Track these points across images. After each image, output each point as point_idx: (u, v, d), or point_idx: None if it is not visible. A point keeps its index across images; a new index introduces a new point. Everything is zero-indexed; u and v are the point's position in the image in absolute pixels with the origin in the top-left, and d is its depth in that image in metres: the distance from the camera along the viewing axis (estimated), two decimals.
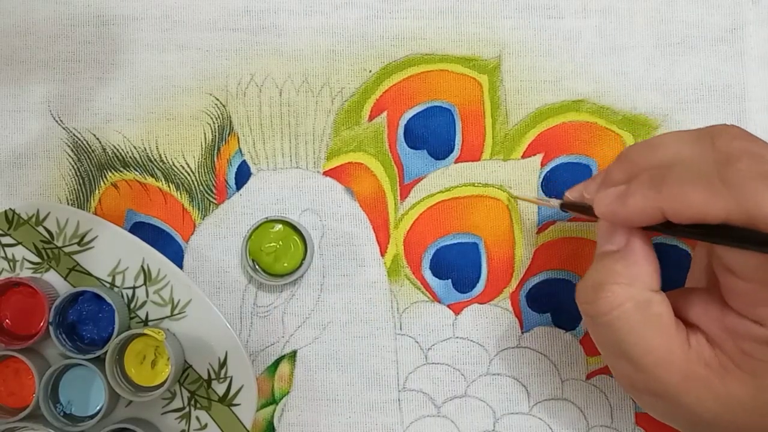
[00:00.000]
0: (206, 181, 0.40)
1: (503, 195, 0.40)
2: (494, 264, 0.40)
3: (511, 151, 0.40)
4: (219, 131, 0.40)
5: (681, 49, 0.40)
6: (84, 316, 0.37)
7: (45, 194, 0.40)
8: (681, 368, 0.30)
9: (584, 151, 0.40)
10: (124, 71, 0.40)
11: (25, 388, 0.37)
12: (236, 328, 0.39)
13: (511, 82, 0.40)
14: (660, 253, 0.39)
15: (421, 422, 0.39)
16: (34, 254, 0.38)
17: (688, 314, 0.31)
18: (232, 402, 0.37)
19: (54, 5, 0.41)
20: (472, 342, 0.39)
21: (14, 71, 0.40)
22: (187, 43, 0.40)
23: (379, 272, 0.40)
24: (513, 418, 0.39)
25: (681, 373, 0.29)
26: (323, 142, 0.40)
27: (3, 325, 0.37)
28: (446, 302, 0.39)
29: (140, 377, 0.37)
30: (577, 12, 0.41)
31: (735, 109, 0.40)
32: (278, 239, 0.38)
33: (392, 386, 0.39)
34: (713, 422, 0.29)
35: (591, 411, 0.39)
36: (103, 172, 0.40)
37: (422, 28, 0.40)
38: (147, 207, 0.40)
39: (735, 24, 0.40)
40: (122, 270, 0.37)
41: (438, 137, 0.40)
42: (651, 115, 0.40)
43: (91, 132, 0.40)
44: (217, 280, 0.39)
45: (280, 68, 0.40)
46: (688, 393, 0.29)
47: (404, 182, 0.40)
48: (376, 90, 0.40)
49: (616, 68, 0.40)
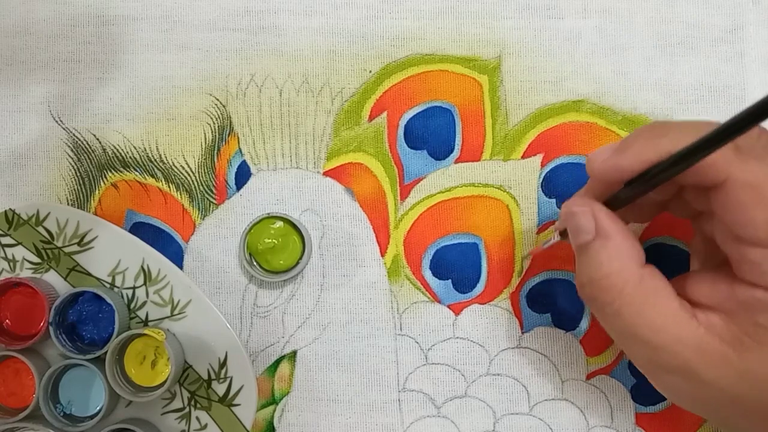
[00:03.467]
0: (206, 182, 0.40)
1: (503, 195, 0.40)
2: (494, 264, 0.40)
3: (511, 152, 0.40)
4: (219, 131, 0.40)
5: (681, 49, 0.40)
6: (84, 316, 0.37)
7: (45, 194, 0.40)
8: (693, 343, 0.29)
9: (584, 151, 0.40)
10: (124, 71, 0.40)
11: (25, 388, 0.37)
12: (236, 328, 0.39)
13: (511, 82, 0.40)
14: (660, 253, 0.40)
15: (421, 422, 0.39)
16: (34, 254, 0.38)
17: (697, 296, 0.31)
18: (232, 402, 0.37)
19: (54, 5, 0.41)
20: (472, 342, 0.39)
21: (14, 71, 0.40)
22: (187, 43, 0.40)
23: (379, 272, 0.40)
24: (513, 418, 0.39)
25: (695, 347, 0.29)
26: (323, 142, 0.40)
27: (3, 325, 0.37)
28: (446, 302, 0.40)
29: (140, 377, 0.37)
30: (577, 12, 0.41)
31: (735, 109, 0.40)
32: (277, 236, 0.38)
33: (392, 386, 0.39)
34: (738, 399, 0.29)
35: (591, 411, 0.39)
36: (103, 172, 0.40)
37: (422, 28, 0.40)
38: (147, 207, 0.40)
39: (735, 24, 0.40)
40: (122, 270, 0.37)
41: (438, 137, 0.40)
42: (651, 116, 0.40)
43: (91, 132, 0.40)
44: (217, 280, 0.39)
45: (280, 68, 0.40)
46: (708, 368, 0.29)
47: (404, 182, 0.40)
48: (376, 90, 0.40)
49: (616, 68, 0.40)
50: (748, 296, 0.29)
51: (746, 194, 0.28)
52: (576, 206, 0.32)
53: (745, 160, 0.28)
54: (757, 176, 0.28)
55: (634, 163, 0.30)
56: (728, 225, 0.29)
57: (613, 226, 0.31)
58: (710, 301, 0.30)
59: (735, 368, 0.29)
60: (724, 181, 0.28)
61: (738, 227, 0.29)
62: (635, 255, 0.31)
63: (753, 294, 0.29)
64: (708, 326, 0.30)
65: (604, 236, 0.31)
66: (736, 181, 0.28)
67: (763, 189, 0.28)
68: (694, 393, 0.31)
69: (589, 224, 0.31)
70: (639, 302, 0.30)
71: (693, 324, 0.30)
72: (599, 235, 0.31)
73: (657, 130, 0.30)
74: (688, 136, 0.28)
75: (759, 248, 0.28)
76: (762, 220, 0.28)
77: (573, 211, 0.32)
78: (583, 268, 0.32)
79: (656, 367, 0.31)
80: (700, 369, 0.30)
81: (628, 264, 0.31)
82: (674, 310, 0.30)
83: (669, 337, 0.30)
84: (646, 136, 0.30)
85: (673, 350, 0.30)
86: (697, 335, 0.30)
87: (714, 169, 0.28)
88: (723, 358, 0.29)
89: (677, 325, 0.30)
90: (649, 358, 0.31)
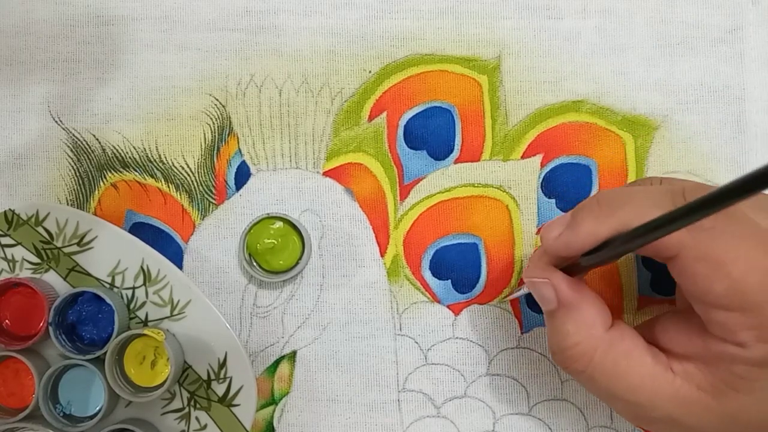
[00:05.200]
0: (206, 182, 0.40)
1: (503, 195, 0.40)
2: (494, 264, 0.40)
3: (510, 152, 0.40)
4: (218, 131, 0.40)
5: (681, 49, 0.40)
6: (84, 316, 0.37)
7: (44, 195, 0.40)
8: (672, 394, 0.30)
9: (584, 151, 0.40)
10: (124, 71, 0.40)
11: (25, 388, 0.37)
12: (236, 328, 0.39)
13: (510, 82, 0.40)
14: None
15: (420, 423, 0.39)
16: (33, 255, 0.38)
17: (671, 344, 0.31)
18: (231, 402, 0.37)
19: (54, 5, 0.41)
20: (472, 342, 0.39)
21: (14, 71, 0.40)
22: (187, 43, 0.40)
23: (378, 273, 0.40)
24: (513, 418, 0.39)
25: (674, 399, 0.30)
26: (323, 142, 0.40)
27: (3, 325, 0.37)
28: (446, 303, 0.40)
29: (140, 378, 0.37)
30: (577, 12, 0.41)
31: (734, 109, 0.40)
32: (277, 236, 0.38)
33: (392, 387, 0.39)
34: None
35: (591, 411, 0.39)
36: (102, 172, 0.40)
37: (422, 29, 0.40)
38: (147, 207, 0.40)
39: (735, 25, 0.40)
40: (122, 270, 0.37)
41: (438, 138, 0.40)
42: (651, 116, 0.40)
43: (91, 132, 0.40)
44: (216, 280, 0.39)
45: (280, 68, 0.40)
46: (689, 417, 0.30)
47: (404, 183, 0.40)
48: (375, 90, 0.40)
49: (616, 69, 0.40)
50: (721, 350, 0.29)
51: (701, 267, 0.28)
52: (536, 276, 0.32)
53: (696, 234, 0.28)
54: (709, 249, 0.28)
55: (586, 241, 0.30)
56: (688, 292, 0.29)
57: (575, 296, 0.31)
58: (685, 351, 0.30)
59: (716, 414, 0.29)
60: (677, 255, 0.28)
61: (698, 295, 0.29)
62: (600, 320, 0.31)
63: (725, 349, 0.29)
64: (684, 376, 0.30)
65: (567, 306, 0.31)
66: (689, 255, 0.28)
67: (716, 261, 0.28)
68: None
69: (550, 295, 0.31)
70: (611, 366, 0.30)
71: (669, 376, 0.30)
72: (562, 305, 0.31)
73: (605, 205, 0.30)
74: (637, 211, 0.28)
75: (723, 311, 0.28)
76: (720, 289, 0.28)
77: (533, 282, 0.32)
78: (552, 336, 0.32)
79: (642, 420, 0.31)
80: (682, 418, 0.30)
81: (594, 331, 0.31)
82: (648, 367, 0.30)
83: (647, 393, 0.30)
84: (595, 212, 0.30)
85: (653, 405, 0.30)
86: (674, 387, 0.30)
87: (665, 246, 0.28)
88: (702, 405, 0.29)
89: (653, 380, 0.30)
90: (633, 413, 0.31)
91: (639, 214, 0.28)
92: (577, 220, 0.30)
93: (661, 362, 0.30)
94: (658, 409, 0.30)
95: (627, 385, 0.30)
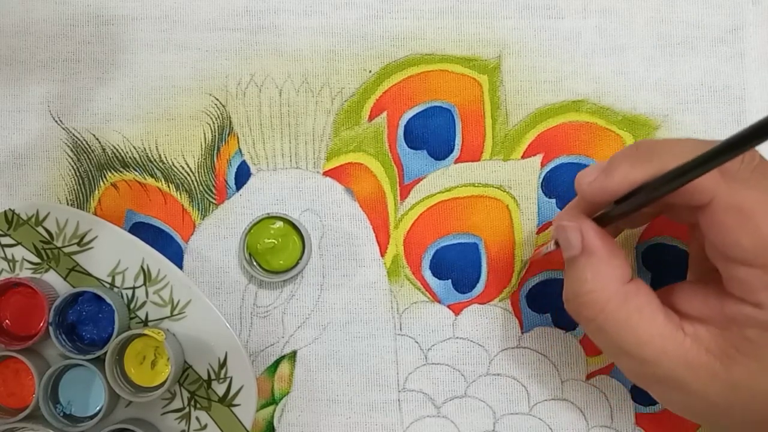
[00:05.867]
0: (206, 182, 0.40)
1: (503, 195, 0.40)
2: (494, 264, 0.40)
3: (511, 152, 0.40)
4: (219, 131, 0.40)
5: (681, 49, 0.40)
6: (84, 316, 0.37)
7: (44, 194, 0.40)
8: (679, 354, 0.30)
9: (584, 151, 0.40)
10: (124, 71, 0.40)
11: (25, 388, 0.37)
12: (236, 328, 0.39)
13: (511, 82, 0.40)
14: (660, 253, 0.40)
15: (421, 422, 0.39)
16: (33, 254, 0.38)
17: (686, 307, 0.31)
18: (232, 402, 0.37)
19: (54, 5, 0.40)
20: (472, 342, 0.39)
21: (14, 71, 0.40)
22: (187, 43, 0.40)
23: (378, 272, 0.40)
24: (513, 418, 0.39)
25: (681, 359, 0.30)
26: (323, 142, 0.40)
27: (3, 325, 0.37)
28: (446, 302, 0.40)
29: (140, 377, 0.37)
30: (577, 12, 0.41)
31: (735, 109, 0.40)
32: (277, 236, 0.38)
33: (392, 386, 0.39)
34: (727, 410, 0.30)
35: (591, 411, 0.39)
36: (102, 172, 0.40)
37: (422, 28, 0.40)
38: (147, 207, 0.40)
39: (735, 25, 0.40)
40: (122, 270, 0.37)
41: (438, 137, 0.40)
42: (651, 116, 0.40)
43: (91, 132, 0.40)
44: (216, 280, 0.39)
45: (280, 68, 0.40)
46: (695, 380, 0.30)
47: (404, 182, 0.40)
48: (376, 90, 0.40)
49: (616, 68, 0.40)
50: (736, 311, 0.29)
51: (731, 217, 0.28)
52: (565, 221, 0.32)
53: (731, 183, 0.28)
54: (742, 199, 0.28)
55: (621, 185, 0.30)
56: (715, 245, 0.29)
57: (600, 244, 0.31)
58: (700, 313, 0.30)
59: (722, 381, 0.29)
60: (710, 202, 0.29)
61: (724, 248, 0.29)
62: (619, 272, 0.31)
63: (741, 309, 0.29)
64: (695, 338, 0.30)
65: (590, 253, 0.31)
66: (721, 203, 0.28)
67: (747, 212, 0.28)
68: (684, 402, 0.31)
69: (576, 240, 0.31)
70: (622, 319, 0.30)
71: (679, 336, 0.30)
72: (585, 252, 0.31)
73: (643, 150, 0.30)
74: (675, 157, 0.28)
75: (746, 267, 0.28)
76: (747, 242, 0.28)
77: (562, 225, 0.32)
78: (569, 282, 0.32)
79: (645, 378, 0.31)
80: (687, 380, 0.30)
81: (611, 281, 0.31)
82: (659, 324, 0.30)
83: (654, 350, 0.30)
84: (632, 157, 0.30)
85: (659, 362, 0.30)
86: (684, 347, 0.30)
87: (699, 191, 0.28)
88: (709, 370, 0.29)
89: (662, 338, 0.30)
90: (637, 370, 0.31)
91: (676, 158, 0.28)
92: (614, 165, 0.30)
93: (673, 321, 0.30)
94: (663, 367, 0.30)
95: (635, 339, 0.30)
